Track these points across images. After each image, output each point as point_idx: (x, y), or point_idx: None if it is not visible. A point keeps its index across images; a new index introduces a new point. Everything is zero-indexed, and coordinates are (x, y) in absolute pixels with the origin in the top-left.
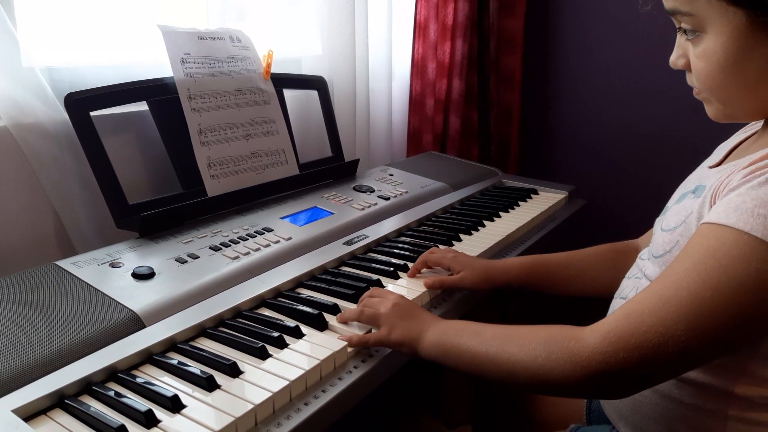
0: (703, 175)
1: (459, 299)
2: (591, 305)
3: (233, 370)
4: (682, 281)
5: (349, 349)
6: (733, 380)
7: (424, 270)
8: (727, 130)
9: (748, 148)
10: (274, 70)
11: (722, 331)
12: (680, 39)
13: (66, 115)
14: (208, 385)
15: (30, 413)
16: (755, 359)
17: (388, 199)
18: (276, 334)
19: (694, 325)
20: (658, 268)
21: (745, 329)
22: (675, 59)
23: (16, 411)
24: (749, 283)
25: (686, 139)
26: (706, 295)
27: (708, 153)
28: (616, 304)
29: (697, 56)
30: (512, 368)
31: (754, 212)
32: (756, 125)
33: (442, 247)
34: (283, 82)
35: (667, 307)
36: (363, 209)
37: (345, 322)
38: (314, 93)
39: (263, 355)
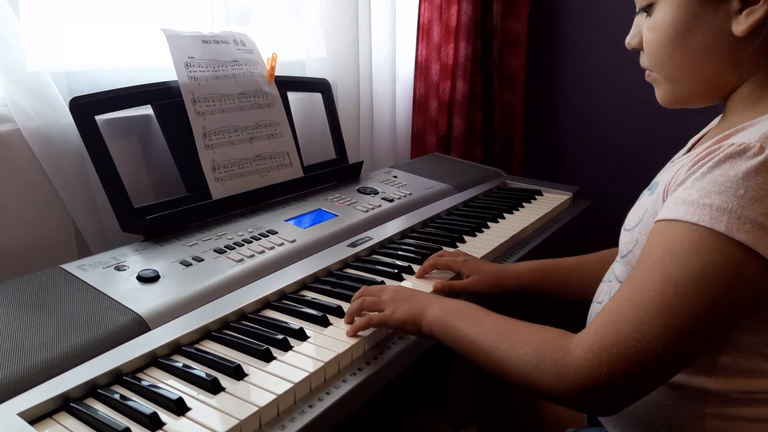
0: (664, 170)
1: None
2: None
3: (238, 373)
4: (646, 283)
5: (356, 340)
6: (706, 377)
7: (433, 272)
8: None
9: (704, 141)
10: (278, 72)
11: (694, 328)
12: (638, 19)
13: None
14: (213, 387)
15: (35, 416)
16: (725, 353)
17: (392, 200)
18: (280, 337)
19: (667, 326)
20: (625, 268)
21: (716, 322)
22: (629, 38)
23: (21, 414)
24: (706, 274)
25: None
26: (670, 293)
27: None
28: (593, 308)
29: (649, 29)
30: (503, 367)
31: (700, 203)
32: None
33: (451, 249)
34: (287, 84)
35: (638, 312)
36: (367, 211)
37: (351, 322)
38: (318, 95)
39: (267, 358)
